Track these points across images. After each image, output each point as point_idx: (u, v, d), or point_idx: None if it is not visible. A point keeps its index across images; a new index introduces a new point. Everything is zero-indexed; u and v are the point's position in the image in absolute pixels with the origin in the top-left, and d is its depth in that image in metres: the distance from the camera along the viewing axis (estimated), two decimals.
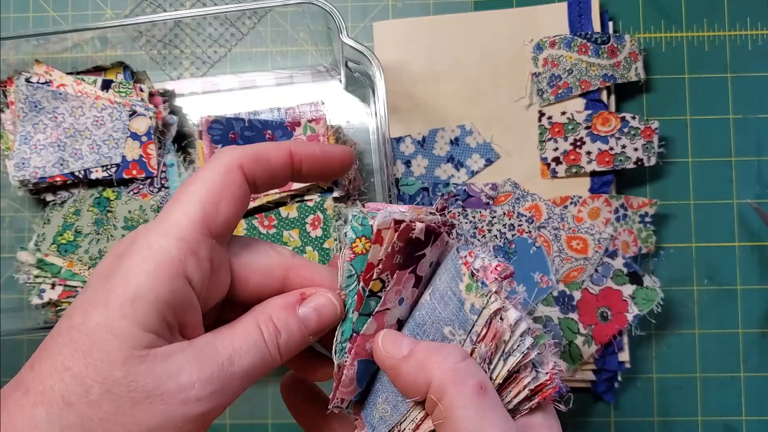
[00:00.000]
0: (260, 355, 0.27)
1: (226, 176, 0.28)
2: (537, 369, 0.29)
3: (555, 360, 0.29)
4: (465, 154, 0.56)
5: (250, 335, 0.27)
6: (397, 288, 0.29)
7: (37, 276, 0.52)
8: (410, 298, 0.31)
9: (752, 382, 0.55)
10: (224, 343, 0.26)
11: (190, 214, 0.27)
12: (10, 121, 0.53)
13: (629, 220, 0.54)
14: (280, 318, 0.28)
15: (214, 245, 0.27)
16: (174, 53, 0.59)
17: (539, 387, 0.28)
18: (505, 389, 0.28)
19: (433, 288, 0.30)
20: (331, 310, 0.29)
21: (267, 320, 0.28)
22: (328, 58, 0.58)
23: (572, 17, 0.56)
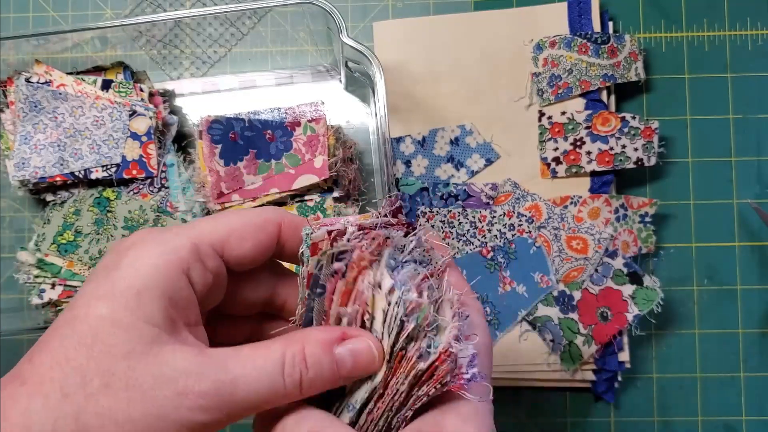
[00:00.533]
0: (271, 387, 0.25)
1: (264, 223, 0.28)
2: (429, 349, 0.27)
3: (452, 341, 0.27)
4: (465, 154, 0.56)
5: (266, 365, 0.25)
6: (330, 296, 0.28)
7: (37, 276, 0.52)
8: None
9: (752, 382, 0.55)
10: (236, 364, 0.25)
11: (214, 232, 0.27)
12: (10, 121, 0.53)
13: (629, 220, 0.54)
14: (314, 354, 0.26)
15: (221, 266, 0.28)
16: (174, 53, 0.59)
17: (431, 369, 0.27)
18: (397, 370, 0.27)
19: None
20: (369, 356, 0.27)
21: (297, 352, 0.26)
22: (328, 58, 0.58)
23: (572, 17, 0.56)
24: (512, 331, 0.54)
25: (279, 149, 0.53)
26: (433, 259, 0.30)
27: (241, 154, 0.52)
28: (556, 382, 0.54)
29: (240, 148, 0.52)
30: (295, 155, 0.53)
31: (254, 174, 0.53)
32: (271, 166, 0.53)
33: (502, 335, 0.54)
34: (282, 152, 0.53)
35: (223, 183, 0.52)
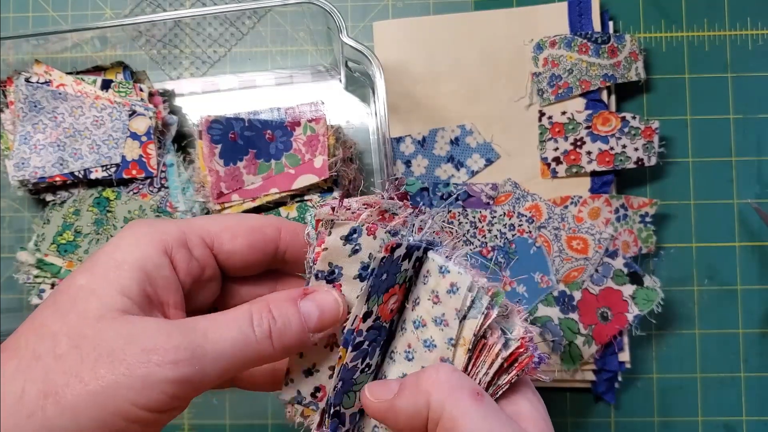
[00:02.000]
0: (242, 338, 0.25)
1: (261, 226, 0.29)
2: (507, 335, 0.28)
3: (525, 325, 0.28)
4: (465, 154, 0.56)
5: (236, 317, 0.26)
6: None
7: (36, 276, 0.52)
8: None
9: (752, 383, 0.55)
10: (205, 321, 0.26)
11: (207, 226, 0.28)
12: (10, 121, 0.53)
13: (629, 220, 0.54)
14: (279, 307, 0.27)
15: (211, 259, 0.28)
16: (174, 53, 0.59)
17: (513, 356, 0.27)
18: (477, 359, 0.28)
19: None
20: (334, 308, 0.28)
21: (263, 307, 0.27)
22: (328, 58, 0.58)
23: (572, 17, 0.56)
24: None
25: (279, 149, 0.53)
26: (442, 241, 0.30)
27: (241, 154, 0.52)
28: (556, 383, 0.54)
29: (240, 148, 0.52)
30: (295, 155, 0.53)
31: (254, 174, 0.53)
32: (270, 166, 0.53)
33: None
34: (282, 152, 0.53)
35: (223, 183, 0.52)
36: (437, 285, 0.28)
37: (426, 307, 0.29)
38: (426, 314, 0.29)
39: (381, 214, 0.29)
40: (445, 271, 0.28)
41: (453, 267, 0.28)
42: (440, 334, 0.28)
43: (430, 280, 0.29)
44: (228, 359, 0.25)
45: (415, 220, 0.30)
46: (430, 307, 0.29)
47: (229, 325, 0.26)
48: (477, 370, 0.28)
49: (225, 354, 0.25)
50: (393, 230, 0.29)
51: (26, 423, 0.23)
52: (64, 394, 0.23)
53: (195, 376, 0.24)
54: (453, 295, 0.28)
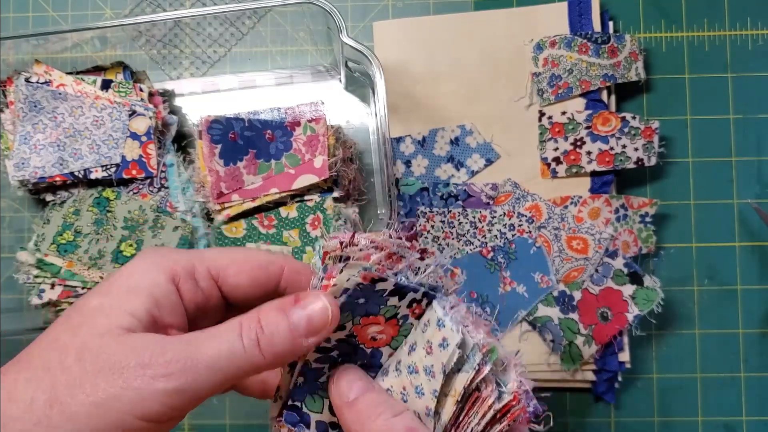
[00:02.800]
0: (231, 348, 0.26)
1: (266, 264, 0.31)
2: (501, 388, 0.29)
3: (521, 379, 0.30)
4: (465, 154, 0.56)
5: (226, 329, 0.27)
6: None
7: (36, 276, 0.52)
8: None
9: (752, 383, 0.55)
10: (198, 335, 0.27)
11: (215, 259, 0.30)
12: (10, 121, 0.53)
13: (629, 220, 0.54)
14: (267, 316, 0.27)
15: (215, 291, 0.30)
16: (174, 53, 0.59)
17: (506, 407, 0.29)
18: (470, 410, 0.29)
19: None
20: (322, 312, 0.28)
21: (251, 318, 0.27)
22: (328, 58, 0.58)
23: (572, 17, 0.56)
24: (512, 331, 0.54)
25: (279, 149, 0.53)
26: (444, 285, 0.32)
27: (241, 154, 0.52)
28: (556, 383, 0.54)
29: (240, 148, 0.52)
30: (294, 155, 0.53)
31: (254, 174, 0.53)
32: (270, 166, 0.53)
33: (502, 336, 0.53)
34: (282, 152, 0.53)
35: (223, 183, 0.52)
36: (432, 336, 0.30)
37: (420, 355, 0.30)
38: (419, 362, 0.30)
39: (389, 256, 0.30)
40: (441, 325, 0.30)
41: (448, 322, 0.29)
42: (428, 384, 0.30)
43: (428, 330, 0.30)
44: (219, 370, 0.26)
45: (420, 264, 0.31)
46: (423, 355, 0.30)
47: (220, 337, 0.27)
48: (469, 420, 0.29)
49: (216, 365, 0.26)
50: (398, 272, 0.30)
51: (33, 429, 0.25)
52: (68, 403, 0.25)
53: (188, 387, 0.25)
54: (443, 349, 0.29)
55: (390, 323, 0.31)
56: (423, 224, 0.55)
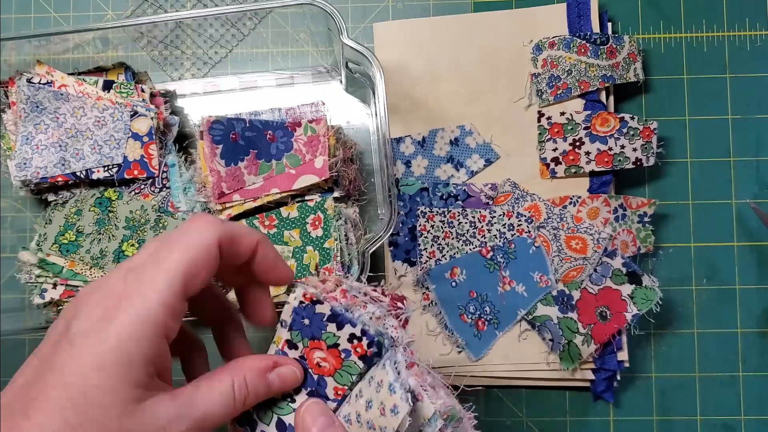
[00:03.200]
0: (227, 409, 0.32)
1: (207, 251, 0.31)
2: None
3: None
4: (465, 154, 0.57)
5: (224, 396, 0.32)
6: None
7: (38, 276, 0.52)
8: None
9: (751, 382, 0.55)
10: (201, 400, 0.31)
11: (173, 284, 0.30)
12: (12, 121, 0.53)
13: (628, 220, 0.54)
14: (253, 381, 0.33)
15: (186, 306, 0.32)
16: (175, 54, 0.59)
17: None
18: None
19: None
20: (293, 379, 0.35)
21: (242, 383, 0.33)
22: (329, 59, 0.59)
23: (571, 18, 0.56)
24: (512, 330, 0.54)
25: (280, 149, 0.53)
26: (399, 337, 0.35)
27: (242, 155, 0.52)
28: (555, 382, 0.54)
29: (241, 148, 0.52)
30: (295, 155, 0.53)
31: (255, 174, 0.53)
32: (271, 167, 0.53)
33: (501, 335, 0.54)
34: (283, 152, 0.53)
35: (224, 183, 0.52)
36: (385, 399, 0.31)
37: (375, 414, 0.32)
38: (375, 420, 0.32)
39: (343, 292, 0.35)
40: (392, 390, 0.31)
41: (398, 389, 0.31)
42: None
43: (382, 391, 0.32)
44: (216, 422, 0.32)
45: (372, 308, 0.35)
46: (378, 415, 0.32)
47: (220, 404, 0.32)
48: None
49: (216, 423, 0.32)
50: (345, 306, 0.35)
51: None
52: None
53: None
54: (394, 415, 0.31)
55: (331, 352, 0.35)
56: (423, 224, 0.56)
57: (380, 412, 0.32)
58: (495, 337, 0.54)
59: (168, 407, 0.30)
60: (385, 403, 0.31)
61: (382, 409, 0.31)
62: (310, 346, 0.35)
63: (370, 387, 0.33)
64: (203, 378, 0.33)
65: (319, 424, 0.33)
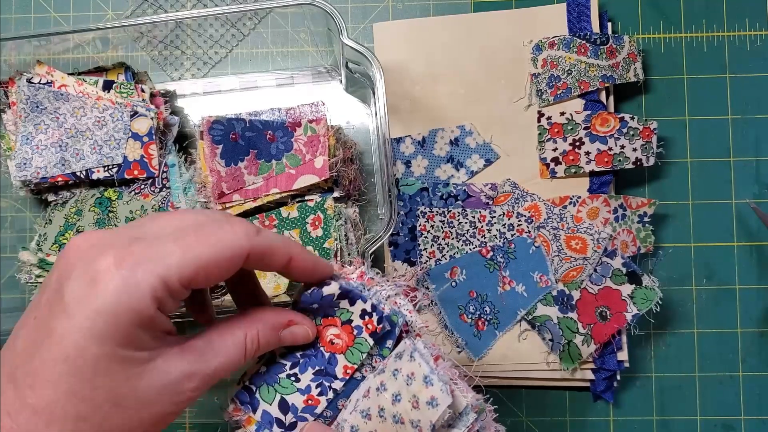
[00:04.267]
0: (236, 362, 0.32)
1: (229, 260, 0.30)
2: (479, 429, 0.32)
3: (495, 426, 0.33)
4: (465, 154, 0.57)
5: (236, 349, 0.32)
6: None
7: (38, 276, 0.52)
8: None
9: (751, 382, 0.55)
10: (213, 355, 0.31)
11: (183, 268, 0.29)
12: (12, 121, 0.53)
13: (628, 220, 0.54)
14: (265, 336, 0.33)
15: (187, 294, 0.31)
16: (175, 54, 0.59)
17: None
18: None
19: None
20: (304, 338, 0.35)
21: (254, 337, 0.33)
22: (329, 59, 0.59)
23: (571, 18, 0.56)
24: (512, 330, 0.54)
25: (280, 149, 0.53)
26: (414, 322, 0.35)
27: (242, 155, 0.53)
28: (555, 382, 0.54)
29: (241, 148, 0.52)
30: (295, 155, 0.53)
31: (255, 174, 0.53)
32: (271, 167, 0.53)
33: (501, 335, 0.54)
34: (283, 152, 0.53)
35: (224, 183, 0.52)
36: (419, 392, 0.31)
37: (405, 407, 0.32)
38: (405, 414, 0.32)
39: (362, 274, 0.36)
40: (429, 383, 0.31)
41: (437, 382, 0.31)
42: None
43: (414, 384, 0.32)
44: (224, 373, 0.32)
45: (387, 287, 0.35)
46: (409, 408, 0.32)
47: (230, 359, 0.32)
48: None
49: (224, 374, 0.32)
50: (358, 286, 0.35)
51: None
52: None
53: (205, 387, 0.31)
54: (431, 408, 0.31)
55: (345, 329, 0.35)
56: (423, 224, 0.56)
57: (412, 405, 0.31)
58: (495, 337, 0.54)
59: (177, 365, 0.30)
60: (419, 396, 0.31)
61: (415, 402, 0.31)
62: (323, 324, 0.35)
63: (396, 380, 0.33)
64: (216, 330, 0.32)
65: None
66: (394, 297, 0.35)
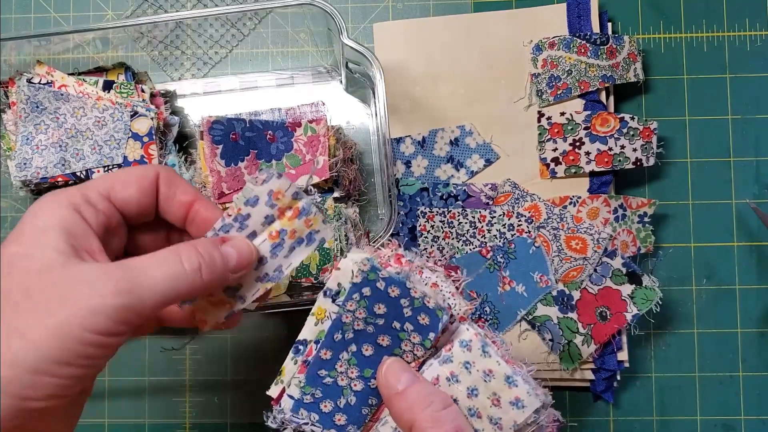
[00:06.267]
0: (174, 271, 0.30)
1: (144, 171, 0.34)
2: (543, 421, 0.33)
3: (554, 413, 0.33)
4: (465, 154, 0.57)
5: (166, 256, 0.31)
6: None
7: None
8: None
9: (750, 382, 0.55)
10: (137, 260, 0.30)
11: (100, 182, 0.33)
12: (12, 121, 0.53)
13: (628, 220, 0.54)
14: (205, 248, 0.32)
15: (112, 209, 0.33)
16: (175, 54, 0.59)
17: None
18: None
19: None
20: (248, 251, 0.33)
21: (190, 248, 0.31)
22: (329, 59, 0.59)
23: (571, 18, 0.56)
24: (512, 330, 0.54)
25: (280, 150, 0.53)
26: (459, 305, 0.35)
27: (242, 155, 0.53)
28: (555, 382, 0.54)
29: (241, 148, 0.52)
30: (295, 155, 0.53)
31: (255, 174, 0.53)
32: (272, 167, 0.53)
33: (501, 335, 0.54)
34: (283, 153, 0.53)
35: (224, 183, 0.52)
36: (501, 391, 0.32)
37: (483, 403, 0.32)
38: (483, 409, 0.32)
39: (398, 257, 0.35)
40: (513, 384, 0.31)
41: (522, 384, 0.31)
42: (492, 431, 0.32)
43: (494, 382, 0.32)
44: (162, 289, 0.29)
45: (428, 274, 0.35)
46: (488, 405, 0.32)
47: (161, 262, 0.30)
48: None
49: (159, 285, 0.29)
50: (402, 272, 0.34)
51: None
52: (26, 333, 0.27)
53: (134, 304, 0.28)
54: (516, 409, 0.31)
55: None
56: (423, 224, 0.56)
57: (492, 402, 0.32)
58: None
59: (99, 268, 0.29)
60: (501, 395, 0.32)
61: (496, 400, 0.32)
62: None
63: (470, 374, 0.33)
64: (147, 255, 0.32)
65: (403, 381, 0.32)
66: (434, 279, 0.35)
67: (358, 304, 0.34)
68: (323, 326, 0.35)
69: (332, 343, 0.35)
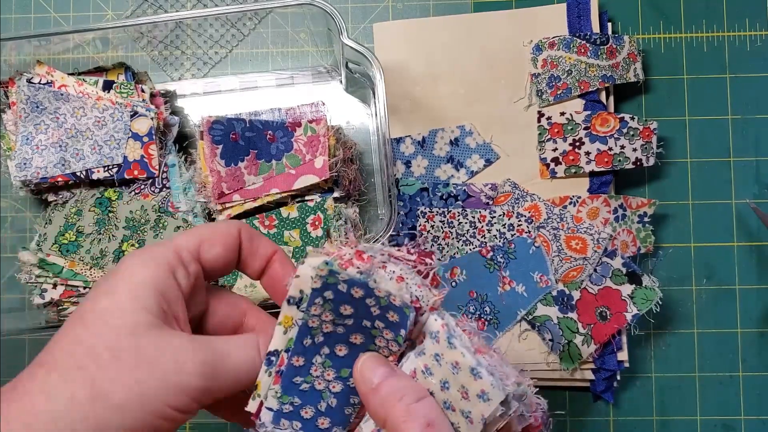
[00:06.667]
0: (252, 361, 0.32)
1: (228, 229, 0.34)
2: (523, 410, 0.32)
3: (537, 399, 0.33)
4: (465, 154, 0.57)
5: (246, 344, 0.32)
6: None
7: (38, 276, 0.52)
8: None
9: (750, 382, 0.55)
10: (220, 342, 0.31)
11: (190, 240, 0.33)
12: (12, 121, 0.53)
13: (628, 220, 0.54)
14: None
15: (200, 270, 0.33)
16: (175, 54, 0.59)
17: (526, 428, 0.32)
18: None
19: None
20: None
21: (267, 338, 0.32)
22: (329, 59, 0.59)
23: (571, 18, 0.56)
24: (512, 330, 0.54)
25: (280, 150, 0.53)
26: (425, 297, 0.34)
27: (242, 155, 0.53)
28: (555, 382, 0.54)
29: (241, 148, 0.52)
30: (295, 155, 0.53)
31: (255, 174, 0.53)
32: (271, 167, 0.53)
33: (501, 335, 0.54)
34: (283, 153, 0.53)
35: (224, 183, 0.52)
36: (468, 383, 0.31)
37: (455, 397, 0.31)
38: (455, 402, 0.31)
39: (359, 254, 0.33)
40: (477, 376, 0.30)
41: (486, 375, 0.30)
42: (466, 426, 0.31)
43: (461, 374, 0.31)
44: (238, 376, 0.31)
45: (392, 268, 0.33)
46: (459, 398, 0.31)
47: (242, 350, 0.31)
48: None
49: (237, 372, 0.31)
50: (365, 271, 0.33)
51: (79, 425, 0.27)
52: (111, 397, 0.27)
53: (213, 387, 0.30)
54: (482, 401, 0.30)
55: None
56: (423, 224, 0.56)
57: (462, 395, 0.31)
58: (495, 337, 0.54)
59: (184, 339, 0.30)
60: (468, 388, 0.30)
61: (464, 393, 0.31)
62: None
63: (441, 366, 0.32)
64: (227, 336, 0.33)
65: (379, 375, 0.32)
66: (399, 272, 0.33)
67: (323, 308, 0.33)
68: (291, 334, 0.34)
69: (303, 349, 0.34)
